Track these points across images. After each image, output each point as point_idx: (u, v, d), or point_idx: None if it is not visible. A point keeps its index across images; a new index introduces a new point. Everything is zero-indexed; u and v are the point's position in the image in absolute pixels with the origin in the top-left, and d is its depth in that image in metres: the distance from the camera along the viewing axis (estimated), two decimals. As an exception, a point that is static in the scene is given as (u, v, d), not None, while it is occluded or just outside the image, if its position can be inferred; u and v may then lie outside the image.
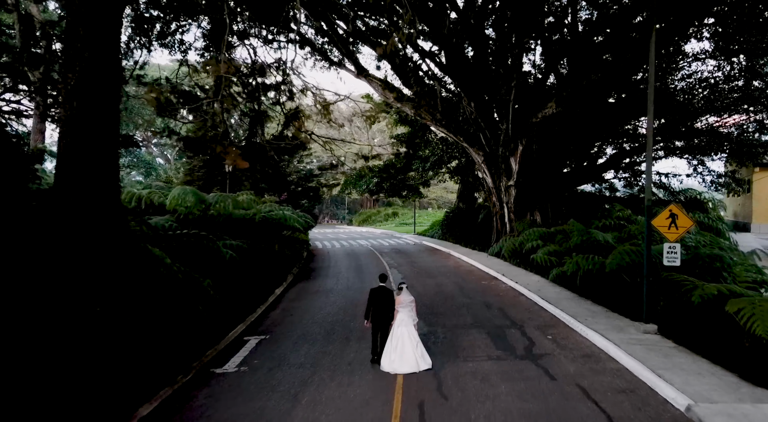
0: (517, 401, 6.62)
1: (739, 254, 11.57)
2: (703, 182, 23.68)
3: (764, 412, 5.89)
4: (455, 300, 13.21)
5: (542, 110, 18.77)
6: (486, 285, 15.46)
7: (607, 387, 7.07)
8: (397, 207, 60.71)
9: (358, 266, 20.39)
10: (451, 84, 22.97)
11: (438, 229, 32.19)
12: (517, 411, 6.29)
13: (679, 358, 7.85)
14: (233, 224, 14.96)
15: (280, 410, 6.54)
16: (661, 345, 8.51)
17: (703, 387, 6.62)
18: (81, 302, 6.54)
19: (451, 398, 6.78)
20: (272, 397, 6.99)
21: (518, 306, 12.38)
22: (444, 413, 6.33)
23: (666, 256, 9.18)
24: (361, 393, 7.05)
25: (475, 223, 26.71)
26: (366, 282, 16.47)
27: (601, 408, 6.34)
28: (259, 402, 6.82)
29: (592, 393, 6.82)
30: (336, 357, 8.70)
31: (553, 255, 15.44)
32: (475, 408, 6.41)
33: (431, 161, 27.15)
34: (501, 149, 20.80)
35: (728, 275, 9.90)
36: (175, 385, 7.38)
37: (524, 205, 21.13)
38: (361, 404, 6.67)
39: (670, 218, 9.15)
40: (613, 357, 8.27)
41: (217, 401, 6.95)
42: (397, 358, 7.72)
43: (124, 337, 7.13)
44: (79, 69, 7.49)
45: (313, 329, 10.65)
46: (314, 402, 6.76)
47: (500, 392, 6.93)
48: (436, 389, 7.10)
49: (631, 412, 6.22)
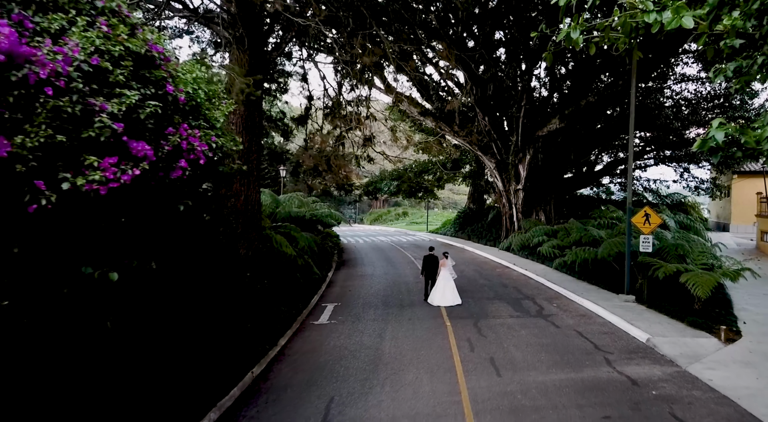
0: (533, 338, 9.78)
1: (702, 245, 14.63)
2: (687, 187, 26.84)
3: (696, 341, 9.04)
4: (477, 282, 16.37)
5: (547, 125, 21.94)
6: (500, 272, 18.63)
7: (595, 331, 10.23)
8: (407, 207, 63.82)
9: (386, 258, 23.57)
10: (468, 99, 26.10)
11: (450, 227, 35.36)
12: (534, 343, 9.44)
13: (647, 314, 11.02)
14: (292, 219, 18.15)
15: (373, 343, 9.68)
16: (636, 308, 11.69)
17: (659, 329, 9.79)
18: (245, 272, 9.71)
19: (488, 336, 9.94)
20: (363, 336, 10.14)
21: (529, 286, 15.55)
22: (485, 343, 9.49)
23: (642, 244, 12.34)
24: (425, 334, 10.21)
25: (485, 222, 29.90)
26: (398, 269, 19.67)
27: (590, 341, 9.50)
28: (356, 338, 9.98)
29: (584, 334, 9.99)
30: (397, 315, 11.87)
31: (556, 248, 18.63)
32: (505, 341, 9.57)
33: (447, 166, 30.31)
34: (511, 158, 23.97)
35: (690, 260, 13.02)
36: (294, 329, 10.57)
37: (530, 206, 24.31)
38: (427, 339, 9.82)
39: (644, 217, 12.31)
40: (600, 316, 11.44)
41: (326, 338, 10.11)
42: (438, 297, 12.70)
43: (265, 296, 10.32)
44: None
45: (371, 300, 13.81)
46: (394, 338, 9.92)
47: (521, 333, 10.10)
48: (477, 332, 10.26)
49: (609, 343, 9.38)
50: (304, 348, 9.50)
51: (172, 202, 4.09)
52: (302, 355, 9.05)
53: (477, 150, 25.23)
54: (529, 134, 23.13)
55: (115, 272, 3.50)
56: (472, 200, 36.14)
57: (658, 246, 13.58)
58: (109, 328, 3.79)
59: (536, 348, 9.10)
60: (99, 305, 3.69)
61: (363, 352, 9.08)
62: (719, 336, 9.29)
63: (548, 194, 24.54)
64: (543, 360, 8.47)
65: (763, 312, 11.35)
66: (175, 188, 3.98)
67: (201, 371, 7.20)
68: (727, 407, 6.50)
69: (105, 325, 3.76)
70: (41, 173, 3.07)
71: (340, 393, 7.21)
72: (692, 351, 8.61)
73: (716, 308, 11.21)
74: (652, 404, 6.62)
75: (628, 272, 12.64)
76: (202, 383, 6.95)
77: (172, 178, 3.77)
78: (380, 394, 7.12)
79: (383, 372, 8.05)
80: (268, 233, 11.37)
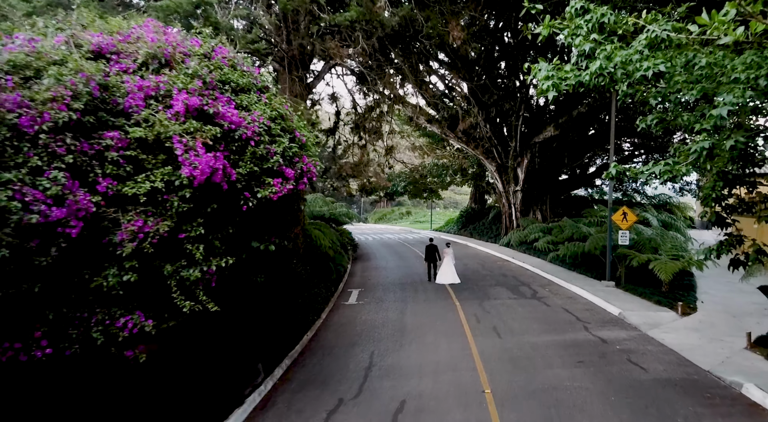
0: (528, 313, 11.98)
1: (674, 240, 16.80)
2: (673, 188, 29.04)
3: (658, 314, 11.23)
4: (480, 273, 18.57)
5: (543, 132, 24.14)
6: (501, 264, 20.84)
7: (578, 308, 12.43)
8: (409, 207, 65.99)
9: (396, 253, 25.78)
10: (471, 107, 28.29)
11: (453, 225, 37.56)
12: (528, 317, 11.63)
13: (623, 296, 13.22)
14: (314, 217, 20.34)
15: (397, 317, 11.86)
16: (614, 291, 13.90)
17: (630, 306, 11.98)
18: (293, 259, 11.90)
19: (491, 312, 12.14)
20: (388, 313, 12.33)
21: (525, 275, 17.76)
22: (488, 317, 11.67)
23: (620, 238, 14.54)
24: (438, 311, 12.40)
25: (486, 220, 32.10)
26: (409, 262, 21.87)
27: (574, 315, 11.70)
28: (382, 314, 12.17)
29: (570, 310, 12.19)
30: (413, 297, 14.06)
31: (551, 243, 20.82)
32: (505, 316, 11.77)
33: (452, 168, 32.54)
34: (510, 161, 26.17)
35: (662, 251, 15.21)
36: (330, 307, 12.77)
37: (528, 205, 26.51)
38: (441, 314, 12.01)
39: (622, 215, 14.50)
40: (584, 297, 13.63)
41: (357, 314, 12.29)
42: (441, 277, 15.40)
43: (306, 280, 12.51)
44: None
45: (389, 286, 16.00)
46: (414, 314, 12.11)
47: (518, 310, 12.29)
48: (482, 309, 12.45)
49: (589, 316, 11.58)
50: (341, 321, 11.71)
51: (298, 202, 6.27)
52: (341, 326, 11.25)
53: (479, 154, 27.42)
54: (527, 140, 25.33)
55: (272, 245, 5.63)
56: (473, 200, 38.34)
57: (636, 240, 15.77)
58: (260, 281, 5.92)
59: (530, 320, 11.30)
60: (256, 266, 5.79)
61: (390, 324, 11.28)
62: (677, 310, 11.48)
63: (544, 194, 26.74)
64: (535, 328, 10.67)
65: (719, 295, 13.55)
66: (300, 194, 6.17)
67: (277, 330, 9.41)
68: (671, 355, 8.70)
69: (258, 279, 5.88)
70: (247, 188, 5.22)
71: (378, 349, 9.41)
72: (653, 321, 10.81)
73: (681, 291, 13.41)
74: (615, 354, 8.82)
75: (609, 262, 14.84)
76: (278, 339, 9.16)
77: (299, 189, 5.87)
78: (408, 350, 9.31)
79: (408, 336, 10.24)
80: (307, 228, 13.55)
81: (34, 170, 3.93)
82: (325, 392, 7.41)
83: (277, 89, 6.87)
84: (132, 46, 5.21)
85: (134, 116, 4.70)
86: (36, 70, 4.38)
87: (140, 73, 5.06)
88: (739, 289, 13.93)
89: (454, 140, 27.66)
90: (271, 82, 6.23)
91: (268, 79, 6.16)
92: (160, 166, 4.61)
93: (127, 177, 4.53)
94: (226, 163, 4.85)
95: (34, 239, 3.79)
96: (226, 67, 5.60)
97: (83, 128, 4.39)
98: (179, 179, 4.57)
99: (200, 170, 4.51)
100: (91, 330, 4.24)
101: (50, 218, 3.81)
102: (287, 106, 6.01)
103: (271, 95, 5.91)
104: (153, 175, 4.52)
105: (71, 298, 4.22)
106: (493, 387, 7.36)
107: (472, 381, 7.62)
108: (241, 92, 5.62)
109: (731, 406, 6.57)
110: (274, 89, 6.21)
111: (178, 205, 4.58)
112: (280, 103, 5.87)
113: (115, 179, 4.47)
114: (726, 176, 5.67)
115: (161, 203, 4.58)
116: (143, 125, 4.64)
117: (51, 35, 4.99)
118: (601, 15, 4.54)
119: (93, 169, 4.37)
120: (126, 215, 4.37)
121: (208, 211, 4.91)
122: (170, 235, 4.54)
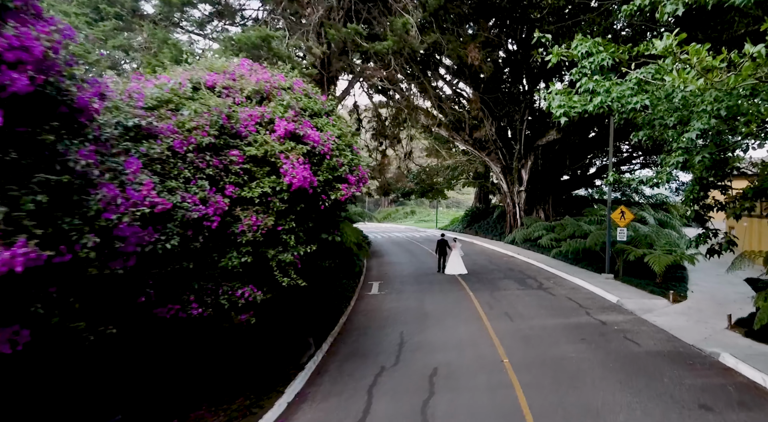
0: (535, 301, 13.34)
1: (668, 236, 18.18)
2: (669, 188, 30.42)
3: (651, 301, 12.60)
4: (488, 267, 19.93)
5: (546, 135, 25.50)
6: (507, 260, 22.21)
7: (581, 297, 13.79)
8: (413, 206, 67.35)
9: (407, 250, 27.15)
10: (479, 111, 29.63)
11: (459, 224, 38.93)
12: (535, 304, 12.99)
13: (621, 286, 14.59)
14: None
15: (417, 305, 13.22)
16: (613, 282, 15.26)
17: (627, 295, 13.35)
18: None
19: (501, 301, 13.50)
20: (409, 301, 13.69)
21: (531, 269, 19.12)
22: (500, 305, 13.03)
23: (618, 235, 15.90)
24: (454, 299, 13.76)
25: (491, 219, 33.46)
26: (420, 258, 23.22)
27: (577, 303, 13.06)
28: (404, 303, 13.53)
29: (573, 299, 13.55)
30: (429, 289, 15.42)
31: (554, 240, 22.18)
32: (514, 303, 13.13)
33: (458, 169, 33.92)
34: (515, 163, 27.53)
35: (656, 247, 16.56)
36: (356, 297, 14.13)
37: (531, 205, 27.87)
38: (457, 303, 13.37)
39: (620, 213, 15.85)
40: (586, 288, 14.99)
41: (381, 302, 13.66)
42: (450, 267, 16.98)
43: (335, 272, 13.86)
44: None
45: (406, 279, 17.37)
46: (432, 303, 13.48)
47: (526, 299, 13.66)
48: (493, 298, 13.81)
49: (590, 303, 12.94)
50: (368, 308, 13.07)
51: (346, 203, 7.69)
52: (369, 312, 12.61)
53: (485, 156, 28.76)
54: (531, 143, 26.69)
55: (338, 237, 6.98)
56: (478, 200, 39.71)
57: (633, 237, 17.14)
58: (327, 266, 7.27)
59: (537, 307, 12.67)
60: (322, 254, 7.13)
61: (412, 310, 12.64)
62: (669, 298, 12.84)
63: (547, 194, 28.10)
64: (542, 313, 12.03)
65: (708, 286, 14.92)
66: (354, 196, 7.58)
67: (321, 311, 10.79)
68: (662, 334, 10.06)
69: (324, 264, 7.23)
70: (323, 192, 6.58)
71: (406, 329, 10.77)
72: (647, 307, 12.17)
73: (673, 283, 14.77)
74: (613, 333, 10.18)
75: (608, 256, 16.20)
76: (321, 319, 10.54)
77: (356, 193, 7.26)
78: (432, 331, 10.67)
79: (430, 320, 11.60)
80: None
81: (186, 180, 5.27)
82: (367, 361, 8.77)
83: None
84: (238, 84, 6.58)
85: (247, 138, 6.05)
86: (176, 105, 5.72)
87: (247, 104, 6.43)
88: (727, 281, 15.30)
89: (461, 142, 29.01)
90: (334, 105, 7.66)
91: (333, 104, 7.55)
92: (265, 176, 5.98)
93: (243, 184, 5.88)
94: (311, 173, 6.20)
95: (189, 230, 5.11)
96: (304, 97, 7.00)
97: (215, 148, 5.74)
98: (280, 186, 5.94)
99: (297, 179, 5.86)
100: (219, 298, 5.57)
101: (200, 214, 5.13)
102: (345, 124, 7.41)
103: (336, 117, 7.29)
104: (262, 182, 5.88)
105: (206, 274, 5.54)
106: (509, 357, 8.72)
107: (491, 354, 8.99)
108: (316, 116, 6.97)
109: (708, 369, 7.94)
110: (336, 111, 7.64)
111: (278, 205, 5.94)
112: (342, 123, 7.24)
113: (236, 185, 5.82)
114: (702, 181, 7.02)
115: (266, 203, 5.93)
116: (255, 144, 6.01)
117: (176, 75, 6.37)
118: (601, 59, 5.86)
119: (222, 178, 5.72)
120: (244, 212, 5.72)
121: (297, 209, 6.27)
122: (272, 228, 5.89)
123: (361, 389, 7.53)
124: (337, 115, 7.58)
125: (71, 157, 3.30)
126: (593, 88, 5.92)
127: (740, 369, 7.82)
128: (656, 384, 7.34)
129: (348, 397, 7.26)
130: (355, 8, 12.32)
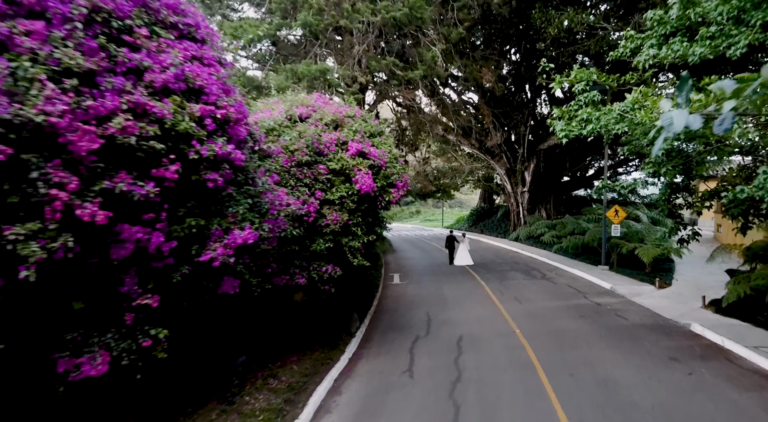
0: (540, 288, 15.30)
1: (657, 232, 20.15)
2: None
3: (640, 287, 14.54)
4: (496, 261, 21.89)
5: (547, 140, 27.45)
6: (512, 255, 24.17)
7: (579, 284, 15.75)
8: (418, 206, 69.31)
9: (418, 246, 29.11)
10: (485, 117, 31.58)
11: (464, 223, 40.88)
12: (540, 291, 14.94)
13: (614, 275, 16.55)
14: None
15: (437, 292, 15.18)
16: (608, 273, 17.22)
17: (619, 282, 15.31)
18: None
19: (510, 288, 15.46)
20: (429, 289, 15.65)
21: (534, 263, 21.09)
22: (509, 291, 14.99)
23: (613, 231, 17.87)
24: (468, 287, 15.72)
25: (495, 218, 35.41)
26: (432, 254, 25.18)
27: (576, 289, 15.02)
28: (425, 290, 15.49)
29: (572, 286, 15.51)
30: (445, 279, 17.38)
31: (555, 237, 24.15)
32: (522, 290, 15.09)
33: (466, 171, 35.92)
34: (518, 166, 29.49)
35: (647, 241, 18.51)
36: (382, 285, 16.10)
37: (534, 204, 29.82)
38: (471, 290, 15.33)
39: (615, 212, 17.81)
40: (584, 277, 16.95)
41: (404, 290, 15.61)
42: (458, 260, 19.00)
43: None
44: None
45: (422, 271, 19.33)
46: (449, 289, 15.44)
47: (531, 287, 15.62)
48: (503, 287, 15.77)
49: (588, 290, 14.89)
50: (394, 294, 15.03)
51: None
52: (396, 298, 14.57)
53: (490, 159, 30.72)
54: (533, 147, 28.65)
55: (384, 229, 8.88)
56: (482, 200, 41.67)
57: (626, 233, 19.10)
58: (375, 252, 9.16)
59: (542, 293, 14.63)
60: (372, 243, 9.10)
61: (433, 296, 14.60)
62: (656, 285, 14.79)
63: (548, 194, 30.06)
64: (546, 297, 13.99)
65: (692, 276, 16.87)
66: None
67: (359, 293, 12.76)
68: (647, 311, 12.01)
69: (374, 251, 9.12)
70: (379, 195, 8.64)
71: (431, 310, 12.72)
72: (636, 292, 14.13)
73: (661, 272, 16.73)
74: (606, 311, 12.13)
75: (604, 250, 18.16)
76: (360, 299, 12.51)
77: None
78: (453, 311, 12.62)
79: (450, 303, 13.56)
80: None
81: (291, 187, 7.24)
82: (403, 333, 10.73)
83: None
84: (318, 114, 8.58)
85: (328, 155, 8.02)
86: (279, 132, 7.69)
87: (327, 129, 8.42)
88: (709, 272, 17.24)
89: (468, 146, 30.96)
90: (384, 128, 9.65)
91: (383, 128, 9.55)
92: (341, 183, 7.96)
93: (326, 190, 7.85)
94: (372, 180, 8.15)
95: (296, 222, 7.06)
96: (363, 122, 8.99)
97: (308, 163, 7.71)
98: (352, 190, 7.91)
99: (365, 185, 7.82)
100: (311, 272, 7.52)
101: (303, 211, 7.09)
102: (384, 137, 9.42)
103: (387, 136, 9.28)
104: (340, 188, 7.85)
105: (302, 255, 7.48)
106: (520, 329, 10.68)
107: (505, 326, 10.94)
108: (372, 136, 8.93)
109: (680, 336, 9.89)
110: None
111: (350, 205, 7.91)
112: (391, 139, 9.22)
113: (322, 190, 7.78)
114: (672, 185, 8.97)
115: (342, 204, 7.89)
116: (334, 160, 7.98)
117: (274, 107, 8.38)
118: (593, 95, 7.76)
119: (313, 186, 7.70)
120: (328, 210, 7.68)
121: (362, 208, 8.22)
122: (346, 222, 7.84)
123: (403, 350, 9.48)
124: (387, 135, 9.56)
125: (258, 179, 5.30)
126: (587, 117, 7.83)
127: (706, 335, 9.77)
128: (638, 345, 9.29)
129: (394, 356, 9.21)
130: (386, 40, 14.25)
